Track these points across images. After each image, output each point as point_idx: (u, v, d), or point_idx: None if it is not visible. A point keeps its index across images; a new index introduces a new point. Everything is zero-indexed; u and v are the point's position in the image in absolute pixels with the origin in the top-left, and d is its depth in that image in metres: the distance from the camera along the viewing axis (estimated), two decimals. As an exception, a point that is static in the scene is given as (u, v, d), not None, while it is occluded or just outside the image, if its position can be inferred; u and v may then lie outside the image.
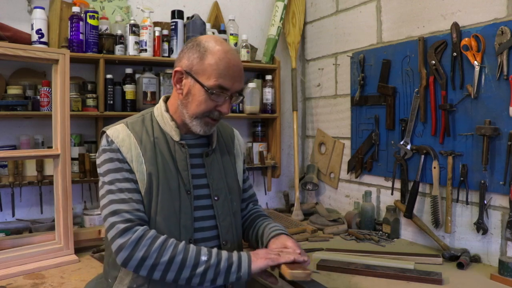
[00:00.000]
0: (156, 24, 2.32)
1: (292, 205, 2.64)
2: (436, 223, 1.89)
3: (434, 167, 1.89)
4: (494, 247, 1.72)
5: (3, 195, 2.04)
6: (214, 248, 1.17)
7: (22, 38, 2.03)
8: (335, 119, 2.62)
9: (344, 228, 2.22)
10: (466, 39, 1.74)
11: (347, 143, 2.51)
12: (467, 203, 1.80)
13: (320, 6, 2.74)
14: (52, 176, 1.84)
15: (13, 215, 2.05)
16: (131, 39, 2.19)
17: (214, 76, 1.20)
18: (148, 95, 2.23)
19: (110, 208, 1.16)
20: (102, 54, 2.13)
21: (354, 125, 2.43)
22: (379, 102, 2.22)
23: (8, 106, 1.96)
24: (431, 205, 1.90)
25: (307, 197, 2.87)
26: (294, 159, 2.69)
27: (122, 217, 1.14)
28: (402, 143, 2.06)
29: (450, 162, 1.84)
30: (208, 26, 2.42)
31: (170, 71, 2.29)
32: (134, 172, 1.20)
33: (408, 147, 2.04)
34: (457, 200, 1.84)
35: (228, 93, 1.23)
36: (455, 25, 1.79)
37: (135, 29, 2.20)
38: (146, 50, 2.22)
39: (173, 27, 2.29)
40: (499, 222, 1.70)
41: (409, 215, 1.98)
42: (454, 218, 1.86)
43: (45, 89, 2.02)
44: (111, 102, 2.18)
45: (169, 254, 1.11)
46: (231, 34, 2.53)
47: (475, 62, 1.72)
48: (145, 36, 2.21)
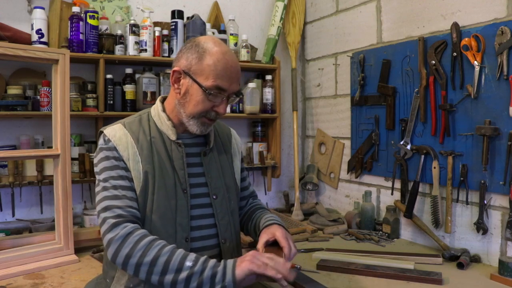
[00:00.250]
0: (156, 24, 2.31)
1: (292, 205, 2.64)
2: (436, 223, 1.88)
3: (434, 167, 1.89)
4: (494, 247, 1.72)
5: (3, 195, 2.04)
6: (203, 256, 1.10)
7: (22, 38, 2.03)
8: (335, 119, 2.62)
9: (344, 228, 2.22)
10: (466, 39, 1.74)
11: (347, 143, 2.51)
12: (467, 203, 1.80)
13: (320, 6, 2.74)
14: (52, 176, 1.84)
15: (13, 215, 2.05)
16: (131, 39, 2.19)
17: (212, 76, 1.21)
18: (148, 95, 2.23)
19: (103, 204, 1.17)
20: (102, 54, 2.13)
21: (354, 125, 2.43)
22: (379, 102, 2.22)
23: (8, 106, 1.96)
24: (431, 205, 1.90)
25: (307, 197, 2.87)
26: (294, 159, 2.69)
27: (113, 212, 1.14)
28: (402, 143, 2.06)
29: (450, 162, 1.84)
30: (208, 26, 2.42)
31: (170, 71, 2.29)
32: (130, 171, 1.21)
33: (408, 147, 2.04)
34: (457, 200, 1.84)
35: (225, 94, 1.24)
36: (455, 25, 1.79)
37: (135, 29, 2.20)
38: (146, 50, 2.22)
39: (173, 27, 2.29)
40: (499, 222, 1.70)
41: (409, 215, 1.98)
42: (454, 218, 1.86)
43: (45, 89, 2.02)
44: (111, 102, 2.18)
45: (153, 255, 1.07)
46: (231, 34, 2.53)
47: (475, 62, 1.72)
48: (145, 36, 2.21)
